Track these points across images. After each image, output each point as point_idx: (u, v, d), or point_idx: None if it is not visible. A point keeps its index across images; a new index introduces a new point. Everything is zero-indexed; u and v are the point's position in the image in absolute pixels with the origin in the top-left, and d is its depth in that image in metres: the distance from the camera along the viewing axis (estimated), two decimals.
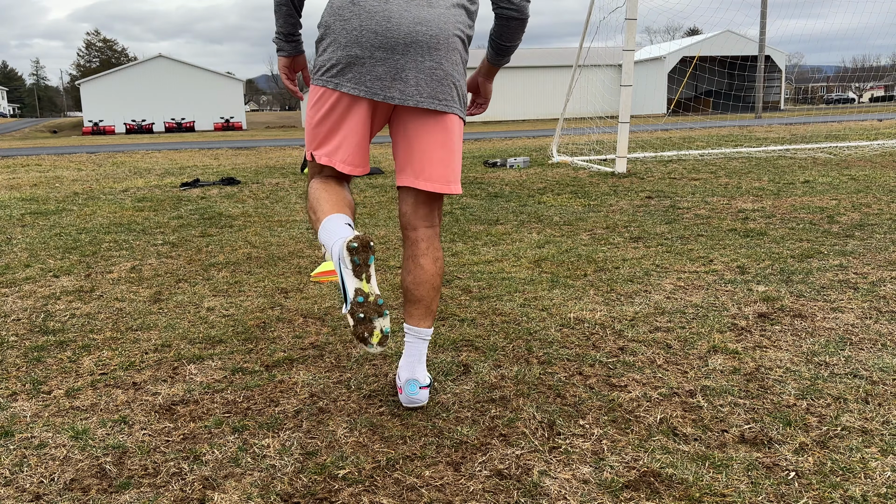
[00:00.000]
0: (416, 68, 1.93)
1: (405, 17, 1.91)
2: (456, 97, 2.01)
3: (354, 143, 2.01)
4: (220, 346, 2.73)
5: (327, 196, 2.04)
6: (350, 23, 1.92)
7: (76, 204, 7.08)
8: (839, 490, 1.64)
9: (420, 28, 1.92)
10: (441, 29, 1.95)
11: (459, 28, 2.00)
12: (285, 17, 2.07)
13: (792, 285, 3.31)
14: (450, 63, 1.97)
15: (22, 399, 2.28)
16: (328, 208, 2.00)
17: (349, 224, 1.96)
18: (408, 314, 2.14)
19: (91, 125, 42.78)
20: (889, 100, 57.23)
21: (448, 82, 1.98)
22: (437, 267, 2.11)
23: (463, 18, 2.02)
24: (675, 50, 45.82)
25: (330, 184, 2.09)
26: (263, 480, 1.76)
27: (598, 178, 8.05)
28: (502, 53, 2.18)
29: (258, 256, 4.34)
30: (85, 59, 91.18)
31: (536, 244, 4.43)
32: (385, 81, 1.93)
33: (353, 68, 1.93)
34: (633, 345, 2.61)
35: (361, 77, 1.93)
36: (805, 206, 5.51)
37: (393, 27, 1.91)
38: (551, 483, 1.71)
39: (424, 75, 1.94)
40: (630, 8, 8.16)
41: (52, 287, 3.70)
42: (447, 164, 2.03)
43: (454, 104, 2.01)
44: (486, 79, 2.28)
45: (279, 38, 2.12)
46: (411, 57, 1.92)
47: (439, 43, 1.94)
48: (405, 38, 1.91)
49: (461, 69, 2.03)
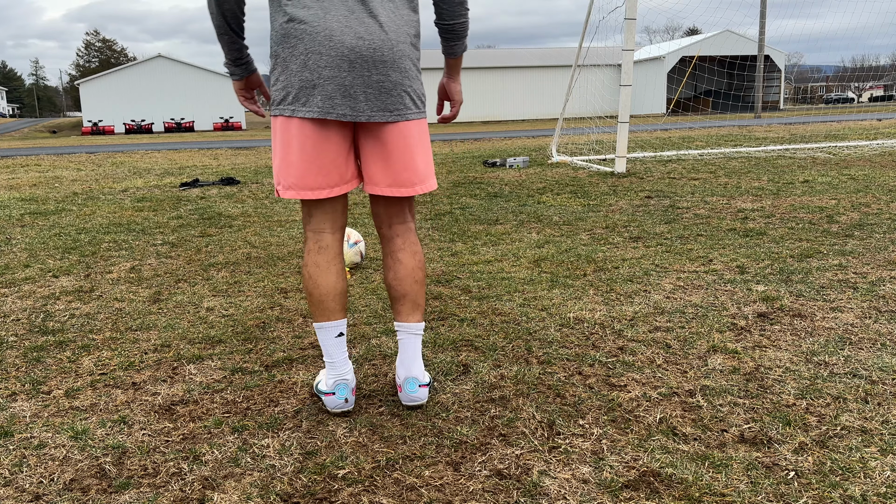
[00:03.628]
0: (363, 83, 1.94)
1: (346, 33, 1.91)
2: (409, 102, 2.01)
3: (333, 163, 2.00)
4: (220, 346, 2.73)
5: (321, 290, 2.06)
6: (296, 48, 1.93)
7: (75, 204, 7.08)
8: (839, 490, 1.64)
9: (363, 44, 1.92)
10: (383, 40, 1.94)
11: (403, 33, 1.98)
12: (228, 45, 2.06)
13: (791, 285, 3.32)
14: (397, 71, 1.97)
15: (21, 399, 2.28)
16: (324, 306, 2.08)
17: (342, 334, 2.10)
18: (396, 312, 2.16)
19: (90, 125, 42.75)
20: (888, 99, 57.26)
21: (397, 91, 1.98)
22: (417, 260, 2.14)
23: (407, 18, 2.00)
24: (675, 50, 45.83)
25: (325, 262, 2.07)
26: (263, 480, 1.76)
27: (597, 177, 8.06)
28: (450, 38, 2.14)
29: (258, 256, 4.34)
30: (84, 60, 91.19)
31: (536, 244, 4.43)
32: (336, 100, 1.93)
33: (305, 91, 1.93)
34: (632, 344, 2.61)
35: (312, 99, 1.93)
36: (804, 206, 5.52)
37: (335, 46, 1.90)
38: (551, 483, 1.71)
39: (373, 89, 1.95)
40: (629, 8, 8.16)
41: (51, 287, 3.70)
42: (408, 168, 2.05)
43: (407, 111, 2.01)
44: (450, 79, 2.25)
45: (228, 64, 2.12)
46: (358, 73, 1.93)
47: (384, 54, 1.94)
48: (349, 55, 1.91)
49: (411, 72, 2.01)
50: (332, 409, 2.10)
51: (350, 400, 2.09)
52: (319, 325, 2.09)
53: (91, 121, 44.25)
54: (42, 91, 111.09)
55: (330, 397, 2.09)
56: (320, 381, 2.19)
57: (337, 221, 2.10)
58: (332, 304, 2.07)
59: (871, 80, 54.39)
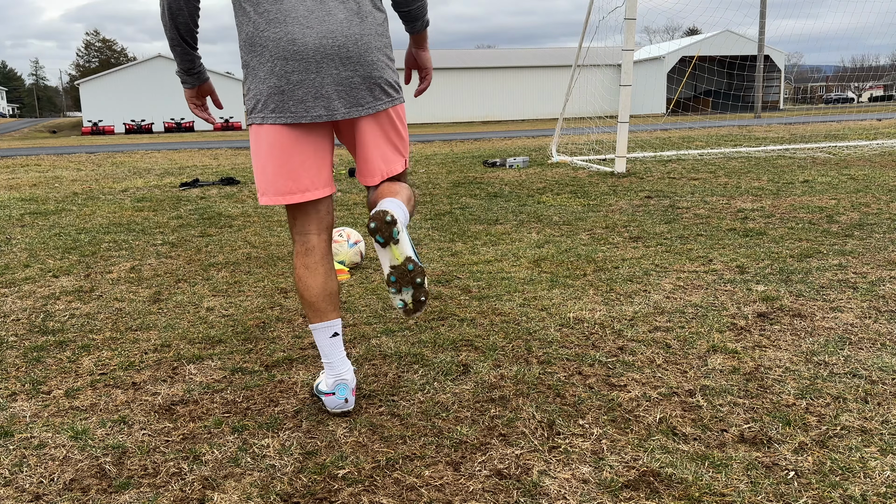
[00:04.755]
0: (333, 81, 1.95)
1: (308, 35, 1.92)
2: (380, 93, 2.03)
3: (307, 166, 2.02)
4: (220, 346, 2.73)
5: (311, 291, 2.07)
6: (262, 56, 1.94)
7: (75, 204, 7.08)
8: (838, 489, 1.64)
9: (326, 42, 1.93)
10: (347, 35, 1.95)
11: (368, 22, 1.99)
12: (181, 56, 2.08)
13: (791, 285, 3.32)
14: (365, 65, 1.98)
15: (21, 399, 2.28)
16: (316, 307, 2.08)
17: (338, 333, 2.09)
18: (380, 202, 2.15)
19: (90, 125, 42.73)
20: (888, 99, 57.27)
21: (367, 85, 2.00)
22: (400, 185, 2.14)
23: (368, 9, 2.01)
24: (675, 50, 45.83)
25: (313, 263, 2.09)
26: (263, 480, 1.76)
27: (597, 177, 8.06)
28: (408, 20, 2.19)
29: (258, 256, 4.34)
30: (84, 60, 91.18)
31: (536, 244, 4.43)
32: (308, 102, 1.95)
33: (275, 98, 1.95)
34: (632, 344, 2.61)
35: (284, 104, 1.95)
36: (804, 206, 5.52)
37: (300, 49, 1.92)
38: (551, 483, 1.71)
39: (343, 86, 1.97)
40: (629, 8, 8.16)
41: (51, 287, 3.70)
42: (385, 156, 2.09)
43: (378, 102, 2.03)
44: (418, 48, 2.28)
45: (181, 72, 2.14)
46: (326, 72, 1.94)
47: (349, 50, 1.95)
48: (315, 56, 1.93)
49: (381, 61, 2.03)
50: (332, 410, 2.10)
51: (350, 400, 2.09)
52: (314, 326, 2.11)
53: (91, 121, 44.23)
54: (42, 91, 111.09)
55: (330, 397, 2.09)
56: (320, 382, 2.19)
57: (321, 222, 2.11)
58: (323, 304, 2.08)
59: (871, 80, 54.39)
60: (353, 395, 2.11)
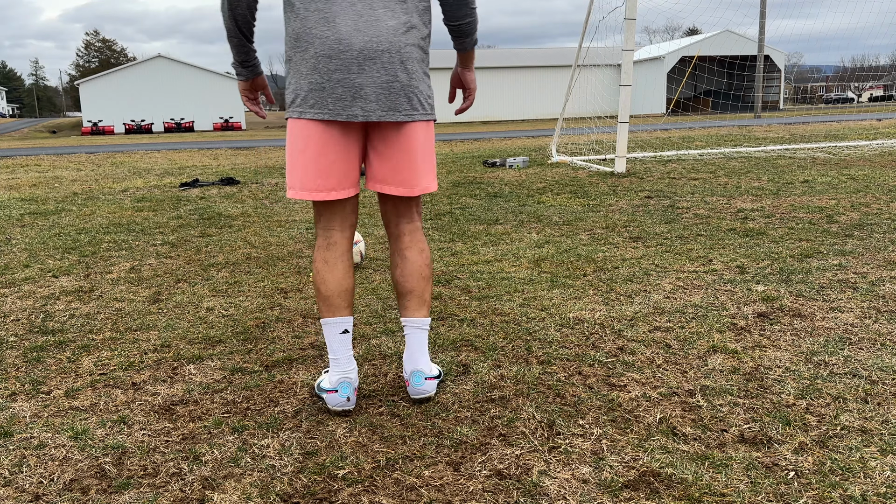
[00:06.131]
0: (373, 84, 1.98)
1: (355, 36, 1.96)
2: (417, 103, 2.06)
3: (337, 165, 2.05)
4: (220, 346, 2.73)
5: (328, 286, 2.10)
6: (307, 52, 1.98)
7: (75, 204, 7.08)
8: (839, 490, 1.64)
9: (372, 45, 1.96)
10: (392, 42, 1.98)
11: (412, 35, 2.03)
12: (237, 48, 2.13)
13: (791, 285, 3.32)
14: (406, 73, 2.01)
15: (21, 399, 2.28)
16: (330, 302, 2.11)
17: (348, 331, 2.12)
18: (403, 308, 2.20)
19: (90, 125, 42.75)
20: (888, 99, 57.28)
21: (405, 93, 2.02)
22: (424, 257, 2.19)
23: (415, 22, 2.04)
24: (675, 50, 45.83)
25: (333, 258, 2.12)
26: (263, 480, 1.76)
27: (597, 177, 8.06)
28: (458, 35, 2.20)
29: (257, 256, 4.34)
30: (84, 60, 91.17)
31: (536, 244, 4.43)
32: (346, 101, 1.98)
33: (315, 94, 1.99)
34: (632, 344, 2.61)
35: (323, 101, 1.99)
36: (804, 206, 5.52)
37: (345, 49, 1.95)
38: (551, 483, 1.71)
39: (382, 90, 1.99)
40: (629, 8, 8.16)
41: (51, 287, 3.70)
42: (410, 168, 2.10)
43: (414, 112, 2.06)
44: (464, 68, 2.31)
45: (236, 64, 2.18)
46: (367, 74, 1.97)
47: (392, 56, 1.99)
48: (358, 58, 1.96)
49: (420, 74, 2.06)
50: (333, 408, 2.10)
51: (352, 399, 2.10)
52: (325, 320, 2.12)
53: (91, 121, 44.24)
54: (42, 91, 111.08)
55: (332, 395, 2.09)
56: (322, 380, 2.20)
57: (346, 220, 2.14)
58: (337, 300, 2.10)
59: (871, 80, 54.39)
60: (354, 394, 2.11)
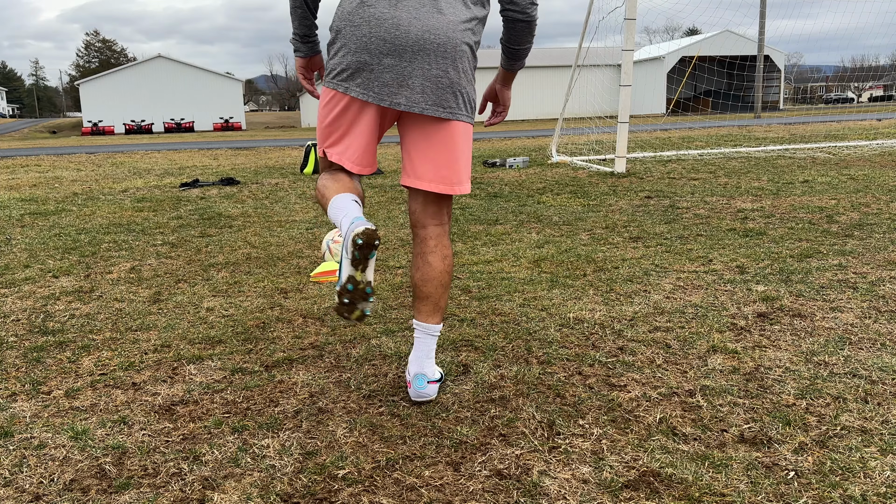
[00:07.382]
0: (422, 76, 1.97)
1: (414, 24, 1.94)
2: (462, 104, 2.04)
3: (363, 144, 2.07)
4: (220, 346, 2.73)
5: (335, 184, 2.09)
6: (360, 29, 1.96)
7: (75, 204, 7.08)
8: (839, 489, 1.64)
9: (428, 36, 1.95)
10: (449, 37, 1.97)
11: (468, 35, 2.03)
12: (300, 19, 2.12)
13: (791, 285, 3.32)
14: (456, 71, 2.00)
15: (21, 399, 2.28)
16: (338, 187, 2.07)
17: (356, 201, 2.02)
18: (416, 310, 2.18)
19: (90, 125, 42.76)
20: (888, 99, 57.28)
21: (453, 90, 2.01)
22: (446, 264, 2.16)
23: (472, 25, 2.04)
24: (675, 50, 45.84)
25: (338, 174, 2.14)
26: (263, 480, 1.76)
27: (597, 177, 8.06)
28: (513, 57, 2.20)
29: (257, 257, 4.34)
30: (84, 60, 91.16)
31: (536, 244, 4.43)
32: (392, 88, 1.97)
33: (362, 73, 1.97)
34: (632, 344, 2.61)
35: (370, 83, 1.97)
36: (804, 206, 5.52)
37: (401, 35, 1.94)
38: (551, 483, 1.71)
39: (430, 83, 1.98)
40: (629, 8, 8.16)
41: (51, 287, 3.70)
42: (450, 166, 2.08)
43: (459, 111, 2.04)
44: (503, 86, 2.30)
45: (296, 40, 2.18)
46: (418, 64, 1.96)
47: (447, 51, 1.97)
48: (413, 46, 1.94)
49: (469, 76, 2.06)
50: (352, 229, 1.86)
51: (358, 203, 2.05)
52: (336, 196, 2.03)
53: (91, 121, 44.25)
54: (42, 91, 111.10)
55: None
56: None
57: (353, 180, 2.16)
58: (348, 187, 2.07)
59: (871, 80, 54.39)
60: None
